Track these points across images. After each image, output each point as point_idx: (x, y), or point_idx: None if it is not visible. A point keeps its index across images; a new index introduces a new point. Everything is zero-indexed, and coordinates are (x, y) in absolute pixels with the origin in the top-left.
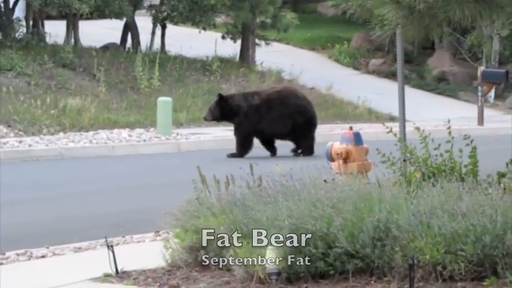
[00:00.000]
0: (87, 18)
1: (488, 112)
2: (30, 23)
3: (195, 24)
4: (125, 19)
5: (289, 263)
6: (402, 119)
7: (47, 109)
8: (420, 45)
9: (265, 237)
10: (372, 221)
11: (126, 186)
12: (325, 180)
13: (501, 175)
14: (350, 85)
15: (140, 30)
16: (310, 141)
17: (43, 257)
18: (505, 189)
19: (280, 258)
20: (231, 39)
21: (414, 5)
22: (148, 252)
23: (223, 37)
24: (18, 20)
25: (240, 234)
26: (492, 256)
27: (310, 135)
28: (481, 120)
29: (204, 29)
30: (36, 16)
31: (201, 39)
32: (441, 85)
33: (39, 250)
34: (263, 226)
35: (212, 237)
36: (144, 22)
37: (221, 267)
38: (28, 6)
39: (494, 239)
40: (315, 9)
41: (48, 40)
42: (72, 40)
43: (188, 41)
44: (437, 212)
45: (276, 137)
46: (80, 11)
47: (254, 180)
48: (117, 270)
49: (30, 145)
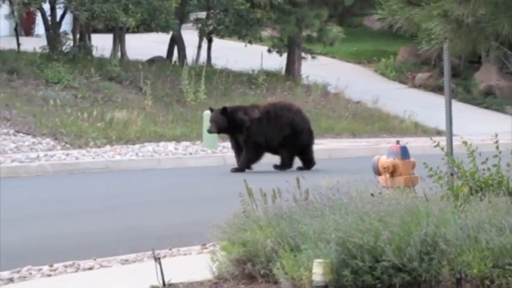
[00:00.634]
0: (134, 32)
1: None
2: (77, 36)
3: (241, 37)
4: (171, 32)
5: (336, 276)
6: (449, 133)
7: (93, 122)
8: (467, 59)
9: (312, 250)
10: (419, 234)
11: (172, 199)
12: (372, 194)
13: None
14: (396, 99)
15: (186, 43)
16: (308, 154)
17: (90, 269)
18: None
19: (327, 272)
20: (277, 52)
21: (462, 18)
22: (195, 265)
23: (269, 50)
24: (65, 33)
25: (286, 247)
26: None
27: (308, 148)
28: None
29: (250, 42)
30: (83, 29)
31: (247, 52)
32: (488, 99)
33: (86, 262)
34: (310, 239)
35: (259, 250)
36: (190, 36)
37: (268, 280)
38: (75, 19)
39: None
40: (361, 22)
41: (95, 53)
42: (119, 53)
43: (234, 54)
44: (485, 226)
45: (270, 151)
46: (126, 24)
47: (301, 193)
48: (164, 282)
49: (77, 158)
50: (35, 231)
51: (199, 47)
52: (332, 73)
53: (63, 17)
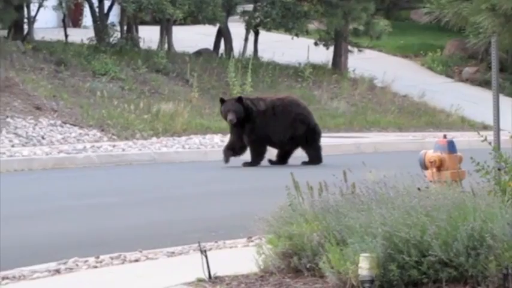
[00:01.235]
0: (181, 24)
1: None
2: (125, 28)
3: (287, 30)
4: (218, 25)
5: (382, 270)
6: (497, 128)
7: (140, 114)
8: None
9: (359, 244)
10: (466, 229)
11: (218, 191)
12: (419, 188)
13: None
14: (443, 93)
15: (233, 36)
16: (316, 150)
17: (136, 261)
18: None
19: (374, 266)
20: (324, 45)
21: (510, 13)
22: (240, 258)
23: (316, 44)
24: (113, 25)
25: (333, 241)
26: None
27: (315, 144)
28: None
29: (296, 35)
30: (131, 21)
31: (293, 45)
32: None
33: (132, 254)
34: (356, 233)
35: (305, 244)
36: (237, 28)
37: (314, 273)
38: (122, 11)
39: None
40: (408, 16)
41: (142, 45)
42: (166, 45)
43: (280, 47)
44: None
45: (275, 146)
46: (173, 16)
47: (347, 187)
48: (210, 275)
49: (123, 149)
50: (81, 223)
51: (246, 39)
52: (379, 67)
53: (110, 8)
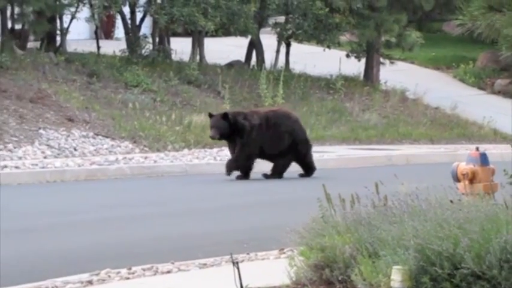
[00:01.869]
0: (212, 36)
1: None
2: (157, 40)
3: (319, 42)
4: (249, 37)
5: (415, 283)
6: None
7: (172, 125)
8: None
9: (391, 256)
10: (499, 242)
11: (250, 203)
12: (452, 201)
13: None
14: (475, 105)
15: (265, 48)
16: (308, 161)
17: (169, 272)
18: None
19: (406, 278)
20: (356, 57)
21: None
22: (272, 270)
23: (348, 55)
24: (145, 36)
25: (365, 253)
26: None
27: (307, 155)
28: None
29: (328, 47)
30: (163, 33)
31: (325, 57)
32: None
33: (165, 265)
34: (388, 245)
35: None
36: (268, 40)
37: (346, 285)
38: (154, 23)
39: None
40: (440, 28)
41: (174, 57)
42: (198, 57)
43: (312, 59)
44: None
45: (268, 158)
46: (205, 28)
47: (379, 199)
48: (242, 286)
49: (155, 161)
50: (114, 234)
51: (278, 51)
52: (410, 79)
53: (142, 20)
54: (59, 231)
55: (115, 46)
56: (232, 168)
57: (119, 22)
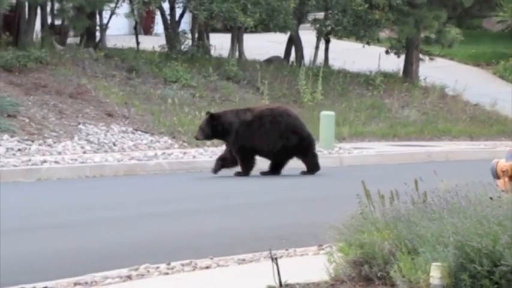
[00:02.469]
0: (252, 32)
1: None
2: (196, 35)
3: (358, 38)
4: (289, 33)
5: (454, 280)
6: None
7: None
8: None
9: (430, 253)
10: None
11: (288, 199)
12: (491, 198)
13: None
14: None
15: (304, 44)
16: (312, 158)
17: (207, 267)
18: None
19: (445, 275)
20: (395, 54)
21: None
22: (311, 266)
23: (387, 52)
24: (184, 32)
25: (404, 250)
26: None
27: (310, 153)
28: None
29: (367, 43)
30: (202, 29)
31: (364, 53)
32: None
33: (203, 261)
34: (428, 242)
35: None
36: (308, 36)
37: (385, 282)
38: (194, 19)
39: None
40: (480, 24)
41: (213, 53)
42: (237, 53)
43: (351, 55)
44: None
45: (266, 156)
46: (244, 24)
47: (419, 196)
48: (280, 282)
49: (194, 156)
50: (153, 229)
51: (317, 47)
52: (450, 75)
53: (182, 16)
54: (98, 226)
55: (154, 42)
56: (246, 172)
57: (158, 18)
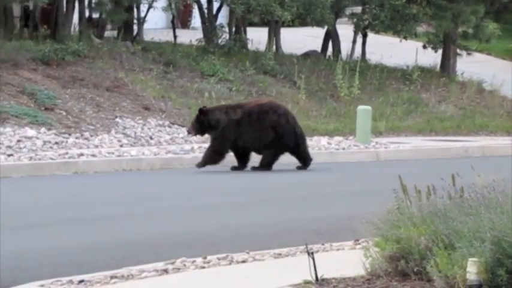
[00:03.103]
0: (289, 26)
1: None
2: (233, 29)
3: (396, 33)
4: (326, 27)
5: (491, 275)
6: None
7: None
8: None
9: (467, 248)
10: None
11: (325, 193)
12: None
13: None
14: None
15: (341, 38)
16: (302, 153)
17: (244, 261)
18: None
19: (482, 271)
20: (432, 48)
21: None
22: (347, 260)
23: (425, 46)
24: (221, 26)
25: (441, 245)
26: None
27: (300, 147)
28: None
29: (405, 38)
30: (239, 23)
31: (401, 48)
32: None
33: (240, 255)
34: (464, 238)
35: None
36: (345, 30)
37: (421, 277)
38: (231, 13)
39: None
40: None
41: (250, 47)
42: (274, 47)
43: (388, 49)
44: None
45: (254, 151)
46: (281, 18)
47: (456, 191)
48: (317, 277)
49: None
50: (189, 223)
51: (354, 41)
52: (487, 70)
53: (219, 10)
54: (135, 219)
55: (191, 35)
56: (204, 165)
57: (195, 11)
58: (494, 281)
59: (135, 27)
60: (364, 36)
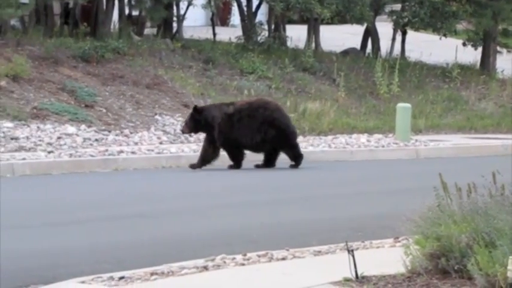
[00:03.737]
0: (328, 23)
1: None
2: (272, 27)
3: (435, 30)
4: (365, 24)
5: None
6: None
7: (287, 112)
8: None
9: (508, 246)
10: None
11: (364, 191)
12: None
13: None
14: None
15: (380, 35)
16: (292, 150)
17: (283, 259)
18: None
19: None
20: (472, 46)
21: None
22: (387, 258)
23: (464, 44)
24: (261, 24)
25: (481, 243)
26: None
27: (289, 144)
28: None
29: (444, 35)
30: (278, 20)
31: (441, 45)
32: None
33: (279, 252)
34: (506, 235)
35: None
36: (384, 28)
37: (462, 275)
38: (270, 10)
39: None
40: None
41: (289, 44)
42: (313, 44)
43: (428, 47)
44: None
45: (249, 149)
46: (321, 15)
47: (497, 188)
48: (357, 275)
49: None
50: (229, 220)
51: (394, 39)
52: None
53: (258, 7)
54: (175, 216)
55: (231, 33)
56: (238, 164)
57: (235, 9)
58: None
59: (175, 25)
60: (404, 33)
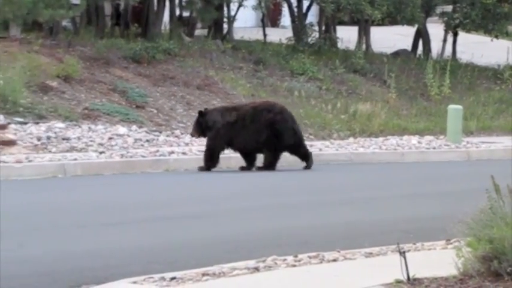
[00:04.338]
0: (378, 25)
1: None
2: (323, 28)
3: (487, 32)
4: (416, 26)
5: None
6: None
7: (337, 114)
8: None
9: None
10: None
11: (415, 193)
12: None
13: None
14: None
15: (431, 37)
16: (301, 153)
17: (334, 260)
18: None
19: None
20: None
21: None
22: (439, 260)
23: None
24: (311, 25)
25: None
26: None
27: (297, 147)
28: None
29: (496, 37)
30: (329, 21)
31: (492, 47)
32: None
33: (331, 254)
34: None
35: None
36: (435, 29)
37: None
38: (321, 11)
39: None
40: None
41: (340, 45)
42: (364, 46)
43: (479, 48)
44: None
45: (251, 151)
46: (372, 17)
47: None
48: (408, 277)
49: (320, 149)
50: (280, 222)
51: (445, 40)
52: None
53: (309, 8)
54: (225, 217)
55: (281, 34)
56: (206, 168)
57: (285, 10)
58: None
59: (225, 26)
60: (455, 35)
